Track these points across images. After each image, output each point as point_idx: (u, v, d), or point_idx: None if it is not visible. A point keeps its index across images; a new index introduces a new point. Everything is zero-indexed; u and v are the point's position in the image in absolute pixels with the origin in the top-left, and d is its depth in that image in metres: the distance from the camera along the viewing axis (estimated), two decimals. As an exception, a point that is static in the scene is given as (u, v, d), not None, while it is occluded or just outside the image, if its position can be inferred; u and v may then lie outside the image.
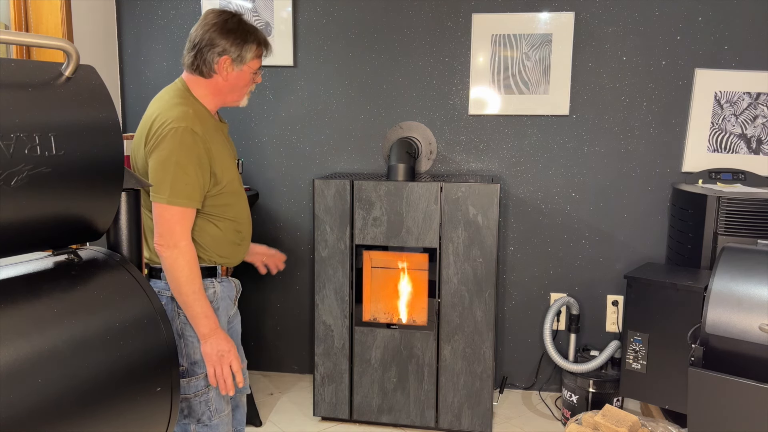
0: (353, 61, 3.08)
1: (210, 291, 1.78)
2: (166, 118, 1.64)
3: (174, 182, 1.62)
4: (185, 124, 1.63)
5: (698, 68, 2.83)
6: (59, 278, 1.25)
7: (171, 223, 1.64)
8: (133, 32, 3.23)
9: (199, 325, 1.68)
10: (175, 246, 1.64)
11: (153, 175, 1.65)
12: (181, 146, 1.62)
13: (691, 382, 1.87)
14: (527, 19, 2.91)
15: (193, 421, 1.79)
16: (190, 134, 1.63)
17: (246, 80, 1.79)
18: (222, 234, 1.79)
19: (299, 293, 3.28)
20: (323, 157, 3.17)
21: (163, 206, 1.63)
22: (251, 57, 1.76)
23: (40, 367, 1.08)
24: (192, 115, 1.66)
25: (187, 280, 1.65)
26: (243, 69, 1.76)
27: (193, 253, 1.67)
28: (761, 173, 2.81)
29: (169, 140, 1.62)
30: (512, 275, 3.12)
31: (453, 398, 2.68)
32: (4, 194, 1.07)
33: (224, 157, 1.75)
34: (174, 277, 1.66)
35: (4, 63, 1.12)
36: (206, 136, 1.68)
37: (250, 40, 1.74)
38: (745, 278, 1.88)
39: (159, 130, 1.64)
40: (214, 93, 1.76)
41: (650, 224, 2.97)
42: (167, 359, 1.34)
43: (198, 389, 1.76)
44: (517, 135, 3.02)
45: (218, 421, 1.81)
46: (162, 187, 1.63)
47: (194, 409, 1.77)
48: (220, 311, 1.80)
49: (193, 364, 1.75)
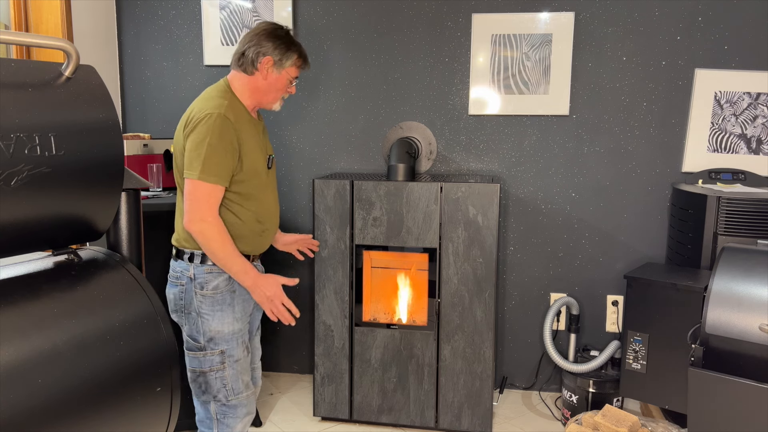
0: (353, 61, 3.08)
1: (224, 276, 1.90)
2: (202, 106, 1.83)
3: (206, 161, 1.76)
4: (219, 111, 1.80)
5: (698, 68, 2.83)
6: (59, 278, 1.25)
7: (200, 198, 1.78)
8: (133, 32, 3.23)
9: (242, 280, 1.85)
10: (202, 220, 1.79)
11: (188, 155, 1.80)
12: (213, 129, 1.77)
13: (691, 382, 1.87)
14: (527, 19, 2.91)
15: (210, 398, 1.91)
16: (222, 119, 1.79)
17: (282, 84, 1.95)
18: (241, 223, 1.91)
19: (299, 293, 3.28)
20: (323, 157, 3.17)
21: (195, 182, 1.78)
22: (290, 64, 1.94)
23: (40, 367, 1.08)
24: (227, 105, 1.83)
25: (220, 245, 1.80)
26: (281, 73, 1.93)
27: (222, 225, 1.82)
28: (761, 173, 2.81)
29: (204, 125, 1.78)
30: (512, 275, 3.12)
31: (453, 398, 2.68)
32: (4, 194, 1.07)
33: (253, 148, 1.90)
34: (207, 247, 1.81)
35: (4, 63, 1.12)
36: (238, 125, 1.83)
37: (293, 49, 1.94)
38: (745, 278, 1.88)
39: (196, 116, 1.81)
40: (252, 90, 1.93)
41: (650, 224, 2.97)
42: (167, 359, 1.34)
43: (213, 364, 1.89)
44: (517, 135, 3.02)
45: (236, 402, 1.93)
46: (194, 165, 1.78)
47: (210, 384, 1.90)
48: (235, 295, 1.93)
49: (209, 340, 1.89)
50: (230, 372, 1.90)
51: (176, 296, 1.91)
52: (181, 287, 1.89)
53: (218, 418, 1.93)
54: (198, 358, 1.89)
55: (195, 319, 1.88)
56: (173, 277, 1.92)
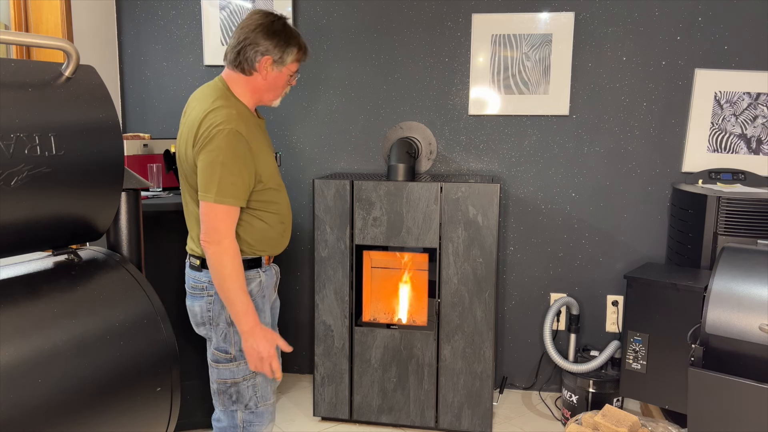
0: (353, 61, 3.08)
1: (256, 281, 1.84)
2: (213, 120, 1.71)
3: (221, 182, 1.68)
4: (231, 126, 1.70)
5: (698, 68, 2.83)
6: (59, 278, 1.25)
7: (216, 221, 1.71)
8: (133, 32, 3.23)
9: (240, 321, 1.74)
10: (219, 243, 1.70)
11: (201, 175, 1.72)
12: (227, 147, 1.68)
13: (691, 382, 1.87)
14: (527, 19, 2.91)
15: (240, 407, 1.86)
16: (235, 135, 1.69)
17: (283, 81, 1.87)
18: (269, 227, 1.86)
19: (299, 293, 3.28)
20: (323, 157, 3.17)
21: (210, 205, 1.70)
22: (291, 60, 1.84)
23: (40, 367, 1.08)
24: (236, 116, 1.73)
25: (230, 276, 1.71)
26: (282, 71, 1.84)
27: (236, 250, 1.73)
28: (761, 173, 2.81)
29: (217, 141, 1.68)
30: (512, 275, 3.12)
31: (453, 398, 2.68)
32: (4, 194, 1.07)
33: (265, 153, 1.82)
34: (217, 273, 1.72)
35: (4, 63, 1.12)
36: (249, 136, 1.75)
37: (292, 43, 1.83)
38: (745, 278, 1.88)
39: (207, 131, 1.70)
40: (252, 90, 1.84)
41: (650, 224, 2.97)
42: (167, 359, 1.34)
43: (246, 373, 1.83)
44: (517, 135, 3.02)
45: (263, 410, 1.89)
46: (209, 187, 1.69)
47: (242, 393, 1.84)
48: (265, 299, 1.88)
49: (241, 350, 1.81)
50: (261, 378, 1.85)
51: (203, 308, 1.83)
52: (208, 298, 1.81)
53: (244, 426, 1.87)
54: (230, 369, 1.82)
55: (225, 330, 1.81)
56: (197, 289, 1.83)
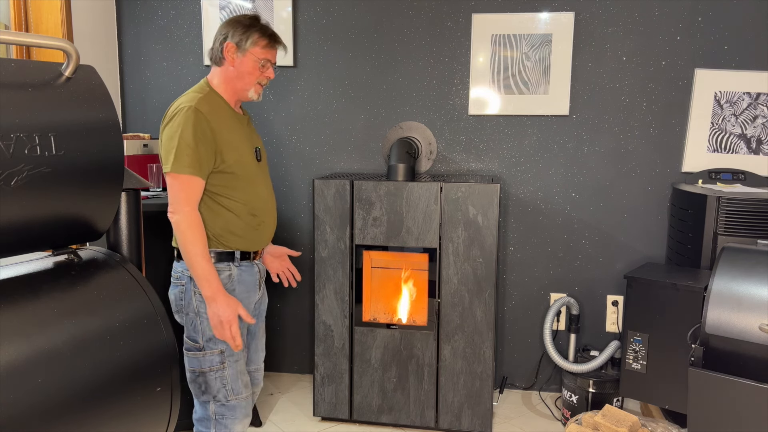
0: (353, 61, 3.08)
1: (225, 274, 1.90)
2: (179, 102, 1.85)
3: (178, 153, 1.77)
4: (192, 104, 1.81)
5: (698, 68, 2.83)
6: (59, 278, 1.25)
7: (176, 190, 1.79)
8: (133, 32, 3.23)
9: (203, 287, 1.80)
10: (179, 211, 1.78)
11: (161, 148, 1.83)
12: (186, 122, 1.78)
13: (691, 382, 1.87)
14: (527, 19, 2.91)
15: (210, 398, 1.91)
16: (194, 112, 1.79)
17: (249, 67, 1.92)
18: (235, 217, 1.90)
19: (299, 293, 3.28)
20: (323, 157, 3.17)
21: (170, 175, 1.79)
22: (251, 44, 1.90)
23: (40, 367, 1.08)
24: (201, 98, 1.84)
25: (190, 242, 1.78)
26: (246, 56, 1.90)
27: (196, 218, 1.80)
28: (761, 173, 2.81)
29: (177, 119, 1.80)
30: (512, 275, 3.12)
31: (453, 398, 2.68)
32: (4, 194, 1.07)
33: (234, 139, 1.89)
34: (180, 241, 1.80)
35: (4, 63, 1.12)
36: (212, 116, 1.83)
37: (252, 30, 1.91)
38: (745, 278, 1.88)
39: (172, 112, 1.83)
40: (226, 81, 1.93)
41: (650, 224, 2.97)
42: (167, 359, 1.34)
43: (213, 364, 1.88)
44: (517, 135, 3.02)
45: (235, 403, 1.92)
46: (168, 158, 1.79)
47: (210, 384, 1.89)
48: (235, 293, 1.91)
49: (209, 340, 1.88)
50: (230, 372, 1.90)
51: (177, 297, 1.91)
52: (181, 287, 1.89)
53: (216, 418, 1.92)
54: (198, 358, 1.89)
55: (193, 319, 1.88)
56: (174, 278, 1.92)
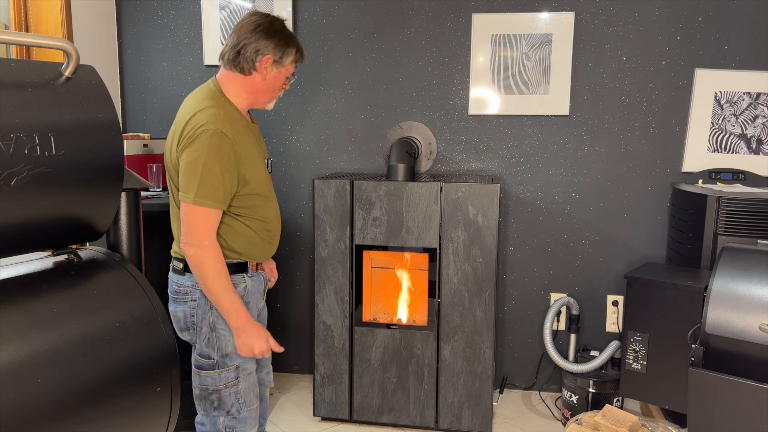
0: (353, 61, 3.08)
1: (241, 286, 1.83)
2: (198, 120, 1.68)
3: (201, 183, 1.66)
4: (215, 126, 1.67)
5: (698, 68, 2.83)
6: (59, 278, 1.25)
7: (196, 223, 1.68)
8: (133, 32, 3.23)
9: (231, 318, 1.73)
10: (198, 244, 1.68)
11: (182, 175, 1.69)
12: (210, 148, 1.66)
13: (691, 382, 1.87)
14: (527, 19, 2.91)
15: (222, 414, 1.84)
16: (219, 137, 1.66)
17: (280, 83, 1.86)
18: (253, 233, 1.84)
19: (299, 293, 3.28)
20: (323, 157, 3.17)
21: (190, 206, 1.68)
22: (290, 61, 1.84)
23: (40, 367, 1.08)
24: (223, 117, 1.71)
25: (213, 276, 1.70)
26: (281, 71, 1.83)
27: (217, 251, 1.71)
28: (761, 173, 2.81)
29: (200, 142, 1.66)
30: (512, 275, 3.12)
31: (453, 398, 2.68)
32: (4, 194, 1.07)
33: (253, 158, 1.80)
34: (200, 274, 1.70)
35: (4, 63, 1.12)
36: (236, 138, 1.72)
37: (291, 44, 1.83)
38: (745, 278, 1.88)
39: (191, 131, 1.68)
40: (249, 91, 1.82)
41: (650, 224, 2.97)
42: (167, 359, 1.34)
43: (228, 381, 1.82)
44: (517, 135, 3.02)
45: (246, 415, 1.87)
46: (190, 187, 1.67)
47: (224, 400, 1.83)
48: (251, 305, 1.87)
49: (224, 356, 1.81)
50: (244, 385, 1.84)
51: (186, 313, 1.81)
52: (192, 302, 1.80)
53: (226, 430, 1.86)
54: (212, 376, 1.81)
55: (208, 335, 1.80)
56: (180, 294, 1.82)
